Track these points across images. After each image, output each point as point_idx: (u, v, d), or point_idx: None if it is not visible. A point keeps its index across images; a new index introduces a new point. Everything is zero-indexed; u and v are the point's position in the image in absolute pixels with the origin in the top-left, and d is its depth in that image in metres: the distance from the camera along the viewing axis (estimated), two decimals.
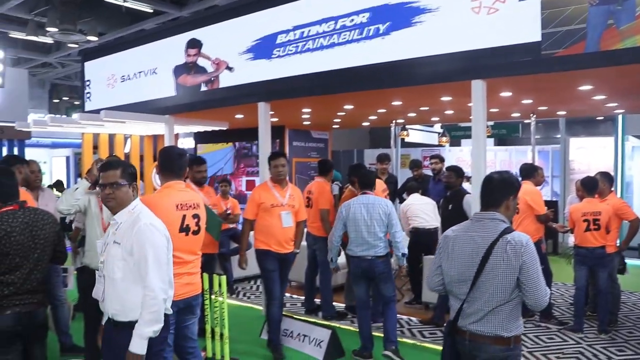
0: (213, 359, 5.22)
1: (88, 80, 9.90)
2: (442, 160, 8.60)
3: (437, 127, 16.39)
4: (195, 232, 3.80)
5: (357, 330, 5.60)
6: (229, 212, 6.70)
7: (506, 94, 6.51)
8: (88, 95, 9.99)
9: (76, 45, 15.76)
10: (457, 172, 6.33)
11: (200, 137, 11.86)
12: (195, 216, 3.80)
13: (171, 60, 8.01)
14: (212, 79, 7.42)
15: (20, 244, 3.39)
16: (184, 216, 3.70)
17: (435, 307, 6.49)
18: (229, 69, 7.17)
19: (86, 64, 10.11)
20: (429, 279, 3.18)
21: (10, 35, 15.55)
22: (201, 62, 7.59)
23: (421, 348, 5.80)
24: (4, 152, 13.48)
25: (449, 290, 3.05)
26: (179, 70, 7.93)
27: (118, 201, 3.08)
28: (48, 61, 18.88)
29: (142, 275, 2.96)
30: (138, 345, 2.90)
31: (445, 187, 6.38)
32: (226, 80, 7.29)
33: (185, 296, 3.71)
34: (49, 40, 15.40)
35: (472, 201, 5.91)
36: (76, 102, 25.18)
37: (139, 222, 3.02)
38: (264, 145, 7.01)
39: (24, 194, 4.16)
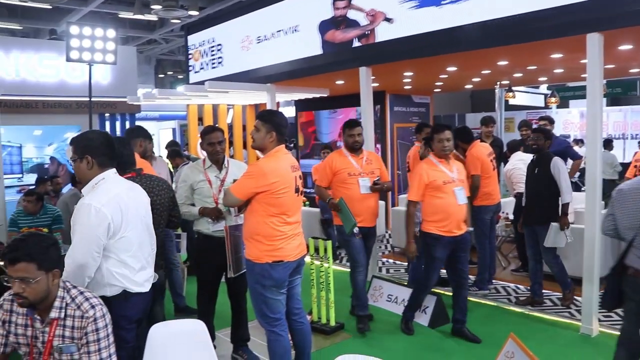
0: (318, 323, 5.31)
1: (219, 45, 9.60)
2: (551, 122, 8.12)
3: (543, 88, 15.59)
4: (302, 193, 3.87)
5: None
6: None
7: (626, 47, 6.03)
8: (191, 67, 10.30)
9: (178, 21, 16.26)
10: (545, 134, 5.85)
11: (301, 105, 11.95)
12: (300, 177, 3.86)
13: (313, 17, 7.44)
14: (367, 32, 6.81)
15: None
16: (295, 177, 3.75)
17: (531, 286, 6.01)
18: (388, 20, 6.53)
19: (190, 37, 10.42)
20: (602, 223, 3.54)
21: (119, 15, 16.32)
22: (352, 14, 6.99)
23: (532, 318, 5.61)
24: (117, 126, 14.25)
25: (620, 235, 3.38)
26: (325, 26, 7.33)
27: (79, 177, 3.05)
28: (153, 38, 19.65)
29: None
30: None
31: (533, 150, 5.93)
32: (385, 33, 6.59)
33: (298, 257, 3.78)
34: (153, 17, 16.03)
35: (562, 164, 5.57)
36: (180, 76, 26.14)
37: (82, 200, 2.93)
38: (366, 111, 6.94)
39: (142, 162, 4.36)
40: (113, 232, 2.90)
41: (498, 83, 10.40)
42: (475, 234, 6.28)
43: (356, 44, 6.93)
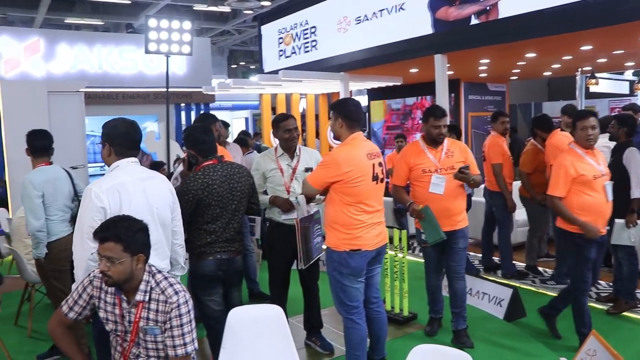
0: (392, 313, 5.28)
1: (313, 27, 9.19)
2: (637, 111, 7.67)
3: (629, 74, 14.83)
4: (382, 180, 3.80)
5: (539, 290, 5.28)
6: None
7: None
8: (281, 52, 10.22)
9: (251, 12, 16.49)
10: (620, 122, 5.35)
11: (373, 94, 11.87)
12: (380, 164, 3.80)
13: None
14: (488, 7, 6.23)
15: (220, 195, 3.63)
16: (373, 165, 3.70)
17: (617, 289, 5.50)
18: None
19: (263, 27, 10.51)
20: None
21: (194, 8, 16.72)
22: None
23: (615, 315, 5.36)
24: (192, 116, 14.64)
25: None
26: (437, 3, 6.81)
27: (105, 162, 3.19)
28: (226, 29, 20.02)
29: None
30: None
31: (610, 139, 5.52)
32: (510, 8, 5.98)
33: (377, 246, 3.75)
34: (226, 9, 16.31)
35: (638, 156, 5.13)
36: (252, 66, 26.54)
37: (88, 185, 3.03)
38: (442, 100, 6.82)
39: (221, 150, 4.45)
40: None
41: (579, 69, 9.97)
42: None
43: (474, 21, 6.39)
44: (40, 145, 4.40)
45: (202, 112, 14.33)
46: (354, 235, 3.64)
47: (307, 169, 4.35)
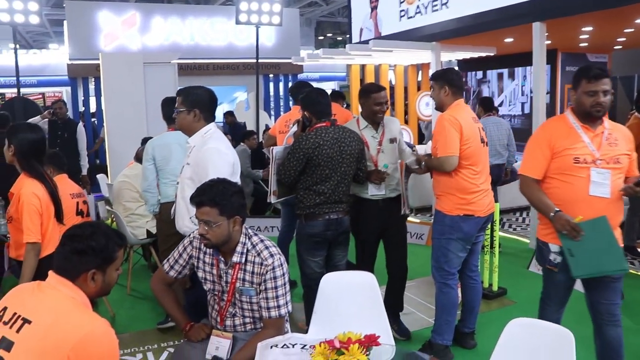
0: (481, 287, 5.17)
1: None
2: None
3: None
4: (487, 144, 3.84)
5: (638, 273, 4.98)
6: None
7: None
8: (403, 12, 9.78)
9: None
10: None
11: (465, 66, 11.55)
12: (481, 129, 3.82)
13: None
14: None
15: (329, 156, 3.69)
16: (478, 128, 3.75)
17: None
18: None
19: None
20: None
21: None
22: None
23: None
24: (280, 86, 14.79)
25: None
26: None
27: (181, 127, 3.43)
28: (314, 0, 20.01)
29: None
30: None
31: None
32: None
33: (487, 213, 3.78)
34: None
35: None
36: (339, 38, 26.44)
37: (206, 145, 3.25)
38: (539, 72, 6.50)
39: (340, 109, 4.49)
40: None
41: None
42: None
43: None
44: (165, 112, 4.61)
45: (289, 83, 14.50)
46: (468, 200, 3.66)
47: (392, 140, 4.20)
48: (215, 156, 3.22)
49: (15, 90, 9.97)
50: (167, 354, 4.13)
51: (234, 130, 10.93)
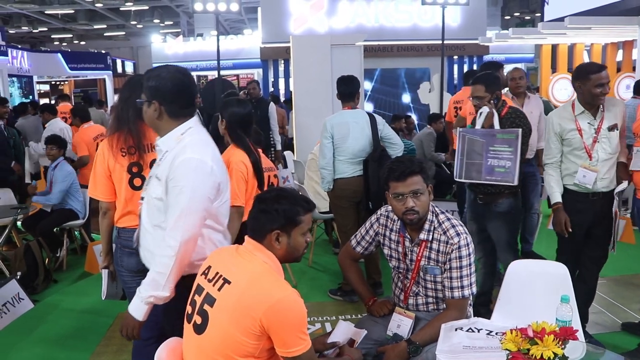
0: None
1: None
2: None
3: None
4: None
5: None
6: None
7: None
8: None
9: None
10: None
11: None
12: None
13: None
14: None
15: None
16: None
17: None
18: None
19: None
20: None
21: None
22: None
23: None
24: (464, 68, 14.40)
25: None
26: None
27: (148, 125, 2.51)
28: None
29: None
30: (136, 307, 2.28)
31: None
32: None
33: None
34: None
35: None
36: (527, 17, 25.02)
37: (183, 155, 2.27)
38: None
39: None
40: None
41: None
42: None
43: None
44: (341, 90, 4.72)
45: (474, 64, 14.09)
46: None
47: (612, 127, 3.66)
48: (193, 174, 2.26)
49: (215, 72, 10.90)
50: None
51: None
